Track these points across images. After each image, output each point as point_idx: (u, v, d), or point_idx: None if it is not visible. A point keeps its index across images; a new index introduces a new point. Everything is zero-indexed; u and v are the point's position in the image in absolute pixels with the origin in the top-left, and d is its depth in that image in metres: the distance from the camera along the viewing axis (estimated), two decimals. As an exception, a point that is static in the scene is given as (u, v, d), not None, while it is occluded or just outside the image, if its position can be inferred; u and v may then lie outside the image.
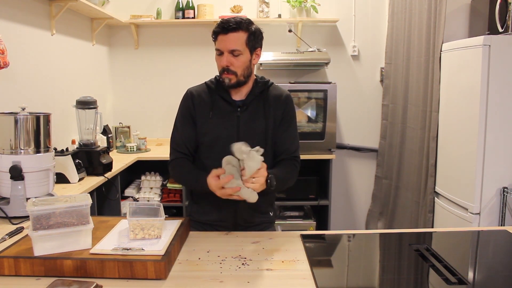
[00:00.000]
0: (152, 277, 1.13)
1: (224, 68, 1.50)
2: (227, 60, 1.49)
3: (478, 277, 1.22)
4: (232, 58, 1.49)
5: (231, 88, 1.55)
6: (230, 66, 1.50)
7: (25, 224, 1.54)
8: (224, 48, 1.49)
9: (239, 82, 1.53)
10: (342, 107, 3.72)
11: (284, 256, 1.30)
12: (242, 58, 1.51)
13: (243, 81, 1.54)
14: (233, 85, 1.53)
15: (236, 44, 1.49)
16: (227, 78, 1.52)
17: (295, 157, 1.62)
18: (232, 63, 1.50)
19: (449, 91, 2.70)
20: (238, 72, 1.51)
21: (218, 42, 1.50)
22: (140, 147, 3.42)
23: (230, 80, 1.52)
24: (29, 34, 2.45)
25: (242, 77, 1.53)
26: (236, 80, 1.52)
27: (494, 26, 2.70)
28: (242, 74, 1.52)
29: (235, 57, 1.50)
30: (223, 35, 1.49)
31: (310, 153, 3.27)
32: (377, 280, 1.24)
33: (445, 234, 1.56)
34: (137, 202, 1.49)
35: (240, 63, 1.50)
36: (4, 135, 1.65)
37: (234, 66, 1.50)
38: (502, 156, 2.40)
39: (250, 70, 1.55)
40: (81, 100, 2.55)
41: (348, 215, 3.91)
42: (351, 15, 3.68)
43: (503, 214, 2.40)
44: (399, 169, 3.35)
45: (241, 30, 1.49)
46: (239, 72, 1.51)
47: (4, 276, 1.14)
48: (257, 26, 1.56)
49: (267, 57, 3.40)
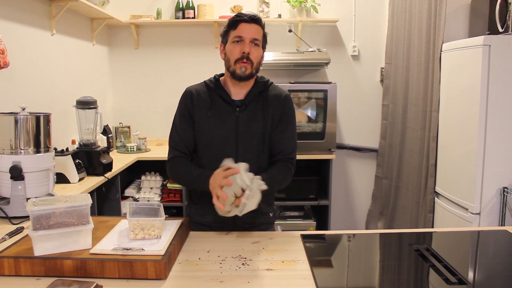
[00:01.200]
0: (152, 277, 1.13)
1: (243, 55, 1.49)
2: (249, 46, 1.50)
3: (478, 277, 1.21)
4: (252, 47, 1.50)
5: (243, 80, 1.53)
6: (250, 54, 1.50)
7: (25, 224, 1.54)
8: (247, 35, 1.49)
9: (252, 74, 1.52)
10: (342, 107, 3.72)
11: (284, 256, 1.30)
12: (259, 50, 1.53)
13: (253, 74, 1.54)
14: (247, 75, 1.51)
15: (258, 34, 1.52)
16: (243, 66, 1.50)
17: (290, 158, 1.60)
18: (251, 51, 1.50)
19: (449, 91, 2.70)
20: (255, 62, 1.51)
21: (240, 29, 1.50)
22: (140, 147, 3.42)
23: (246, 69, 1.50)
24: (29, 34, 2.45)
25: (255, 70, 1.53)
26: (250, 71, 1.51)
27: (494, 26, 2.70)
28: (256, 67, 1.53)
29: (255, 47, 1.51)
30: (247, 24, 1.50)
31: (310, 153, 3.27)
32: (377, 280, 1.24)
33: (445, 234, 1.56)
34: (137, 202, 1.49)
35: (257, 53, 1.52)
36: (4, 135, 1.65)
37: (253, 56, 1.50)
38: (502, 156, 2.41)
39: (260, 66, 1.56)
40: (81, 100, 2.56)
41: (348, 215, 3.91)
42: (351, 15, 3.68)
43: (503, 214, 2.40)
44: (399, 169, 3.35)
45: (260, 25, 1.53)
46: (255, 64, 1.52)
47: (4, 276, 1.14)
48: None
49: (267, 57, 3.39)
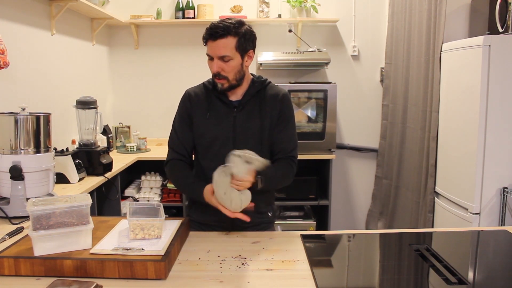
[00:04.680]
0: (152, 277, 1.13)
1: (215, 74, 1.51)
2: (217, 66, 1.49)
3: (478, 277, 1.22)
4: (222, 64, 1.49)
5: (225, 92, 1.56)
6: (221, 71, 1.50)
7: (25, 224, 1.54)
8: (213, 54, 1.50)
9: (232, 85, 1.54)
10: (342, 107, 3.72)
11: (284, 256, 1.30)
12: (233, 63, 1.50)
13: (235, 85, 1.54)
14: (226, 89, 1.54)
15: (226, 50, 1.48)
16: (219, 83, 1.53)
17: (291, 156, 1.61)
18: (222, 68, 1.49)
19: (449, 91, 2.70)
20: (230, 76, 1.51)
21: (208, 48, 1.50)
22: (140, 147, 3.42)
23: (222, 85, 1.53)
24: (29, 34, 2.45)
25: (235, 80, 1.53)
26: (229, 85, 1.53)
27: (494, 26, 2.70)
28: (234, 78, 1.52)
29: (226, 63, 1.49)
30: (212, 42, 1.49)
31: (310, 153, 3.27)
32: (377, 280, 1.24)
33: (445, 234, 1.56)
34: (137, 202, 1.50)
35: (230, 68, 1.50)
36: (4, 135, 1.65)
37: (225, 71, 1.50)
38: (502, 156, 2.40)
39: (243, 72, 1.55)
40: (81, 100, 2.56)
41: (348, 215, 3.91)
42: (351, 15, 3.68)
43: (503, 214, 2.40)
44: (399, 169, 3.35)
45: (230, 35, 1.47)
46: (231, 77, 1.51)
47: (4, 276, 1.14)
48: (249, 27, 1.53)
49: (267, 57, 3.39)
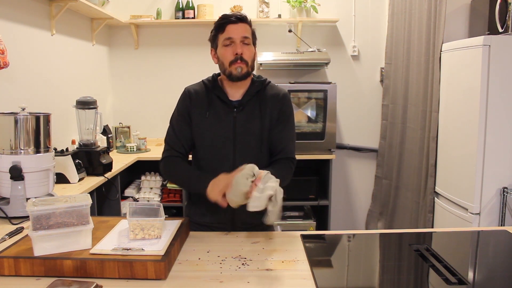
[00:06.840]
0: (152, 277, 1.13)
1: (237, 56, 1.49)
2: (241, 47, 1.49)
3: (478, 277, 1.21)
4: (244, 47, 1.50)
5: (241, 79, 1.52)
6: (243, 54, 1.49)
7: (25, 224, 1.54)
8: (237, 36, 1.49)
9: (248, 72, 1.52)
10: (342, 107, 3.72)
11: (284, 256, 1.30)
12: (251, 48, 1.53)
13: (250, 73, 1.54)
14: (244, 74, 1.51)
15: (247, 33, 1.51)
16: (239, 67, 1.49)
17: (292, 158, 1.61)
18: (244, 51, 1.50)
19: (449, 91, 2.70)
20: (249, 61, 1.51)
21: (228, 31, 1.50)
22: (140, 147, 3.42)
23: (242, 69, 1.50)
24: (29, 34, 2.45)
25: (251, 68, 1.53)
26: (247, 70, 1.51)
27: (494, 26, 2.70)
28: (251, 65, 1.53)
29: (247, 46, 1.51)
30: (234, 24, 1.50)
31: (310, 153, 3.26)
32: (377, 280, 1.24)
33: (445, 234, 1.56)
34: (137, 202, 1.50)
35: (250, 52, 1.52)
36: (4, 135, 1.65)
37: (246, 55, 1.50)
38: (502, 156, 2.41)
39: (255, 64, 1.56)
40: (81, 100, 2.55)
41: (348, 215, 3.91)
42: (351, 15, 3.68)
43: (503, 214, 2.40)
44: (399, 169, 3.35)
45: (247, 23, 1.53)
46: (249, 62, 1.52)
47: (4, 276, 1.14)
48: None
49: (267, 57, 3.39)
